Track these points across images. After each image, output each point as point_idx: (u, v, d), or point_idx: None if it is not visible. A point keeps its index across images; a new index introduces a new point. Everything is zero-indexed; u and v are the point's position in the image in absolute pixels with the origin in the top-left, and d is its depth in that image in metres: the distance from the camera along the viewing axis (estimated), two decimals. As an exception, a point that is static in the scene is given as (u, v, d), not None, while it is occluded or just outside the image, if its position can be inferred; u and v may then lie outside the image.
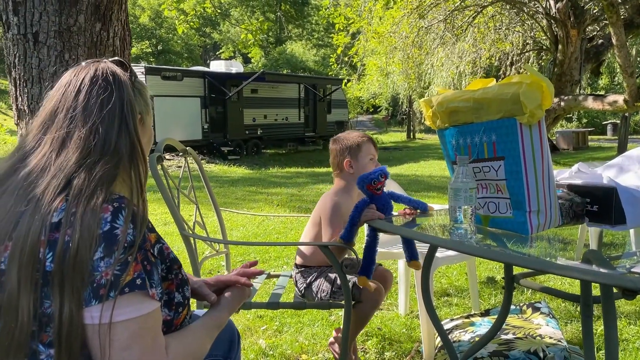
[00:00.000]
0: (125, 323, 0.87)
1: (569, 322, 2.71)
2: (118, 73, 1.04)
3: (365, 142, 2.11)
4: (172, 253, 1.02)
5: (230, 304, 1.20)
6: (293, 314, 2.84)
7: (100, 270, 0.86)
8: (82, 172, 0.93)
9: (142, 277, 0.90)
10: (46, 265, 0.86)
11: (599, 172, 1.69)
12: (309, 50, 38.88)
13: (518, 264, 1.23)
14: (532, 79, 1.38)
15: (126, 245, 0.88)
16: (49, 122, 0.99)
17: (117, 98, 1.01)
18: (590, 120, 25.61)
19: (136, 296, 0.89)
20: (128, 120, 1.01)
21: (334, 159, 2.15)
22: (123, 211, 0.90)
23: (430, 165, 13.20)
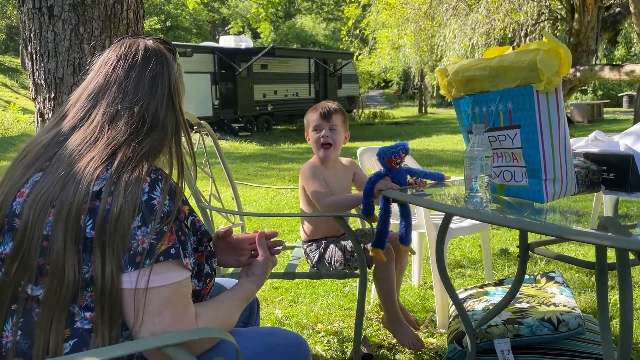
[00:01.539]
0: (159, 289, 0.90)
1: (583, 292, 2.72)
2: (166, 53, 1.09)
3: (310, 114, 2.13)
4: (203, 226, 1.05)
5: (259, 278, 1.22)
6: (308, 285, 2.88)
7: (137, 239, 0.89)
8: (129, 145, 0.96)
9: (177, 246, 0.93)
10: (86, 232, 0.89)
11: (615, 140, 1.67)
12: (319, 24, 38.40)
13: (534, 230, 1.23)
14: (549, 45, 1.36)
15: (162, 215, 0.91)
16: (100, 95, 1.02)
17: (166, 77, 1.06)
18: (605, 92, 25.18)
19: (170, 264, 0.92)
20: (175, 99, 1.06)
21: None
22: (160, 182, 0.93)
23: (443, 140, 13.11)
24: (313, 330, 2.35)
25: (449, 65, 1.67)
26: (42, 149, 0.99)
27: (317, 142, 2.08)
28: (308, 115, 2.14)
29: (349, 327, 2.37)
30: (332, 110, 2.09)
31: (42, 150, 0.99)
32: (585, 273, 2.99)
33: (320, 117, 2.08)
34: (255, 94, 17.06)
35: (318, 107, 2.12)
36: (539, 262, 3.23)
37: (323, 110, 2.09)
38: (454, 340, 1.96)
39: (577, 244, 3.60)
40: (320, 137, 2.06)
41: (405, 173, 1.82)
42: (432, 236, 2.33)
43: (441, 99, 30.12)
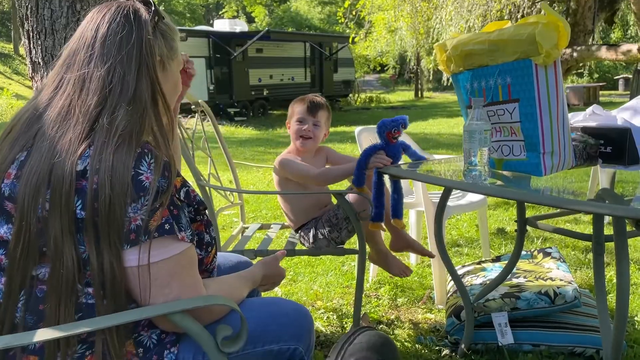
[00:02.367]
0: (160, 263, 0.90)
1: (579, 268, 2.75)
2: (140, 12, 1.00)
3: (295, 106, 2.12)
4: (197, 195, 1.03)
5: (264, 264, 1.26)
6: (307, 264, 2.90)
7: (129, 216, 0.87)
8: (104, 117, 0.91)
9: (170, 222, 0.91)
10: (77, 212, 0.87)
11: (613, 114, 1.69)
12: (314, 8, 38.08)
13: (532, 200, 1.25)
14: (548, 18, 1.37)
15: (152, 191, 0.88)
16: (70, 61, 0.97)
17: (136, 37, 0.97)
18: (601, 75, 25.18)
19: (166, 240, 0.91)
20: (148, 62, 0.97)
21: None
22: (147, 156, 0.90)
23: (439, 123, 13.12)
24: (313, 307, 2.38)
25: (447, 40, 1.67)
26: (25, 125, 0.96)
27: (297, 133, 2.09)
28: (294, 105, 2.13)
29: (348, 304, 2.40)
30: (319, 106, 2.11)
31: (24, 127, 0.95)
32: (582, 250, 3.02)
33: (307, 110, 2.09)
34: (251, 79, 16.95)
35: (306, 100, 2.12)
36: (535, 240, 3.26)
37: (310, 104, 2.10)
38: (453, 314, 1.99)
39: (573, 222, 3.63)
40: (301, 130, 2.08)
41: (400, 148, 1.83)
42: (430, 214, 2.35)
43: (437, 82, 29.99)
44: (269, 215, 4.12)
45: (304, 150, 2.11)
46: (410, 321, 2.22)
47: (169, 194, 0.91)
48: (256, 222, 3.10)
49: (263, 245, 2.12)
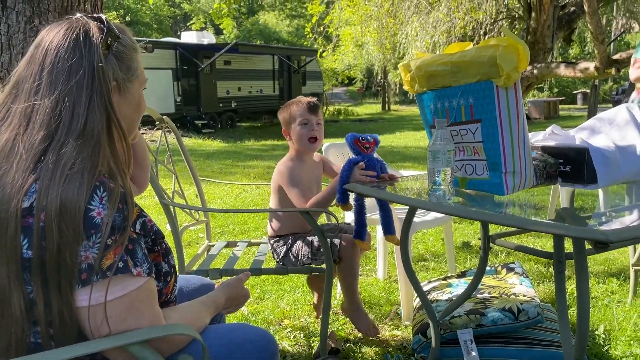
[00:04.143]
0: (116, 301, 0.86)
1: (541, 282, 2.81)
2: (92, 33, 0.92)
3: (296, 109, 2.05)
4: (155, 225, 0.99)
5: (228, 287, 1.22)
6: (274, 281, 2.87)
7: (80, 256, 0.82)
8: (50, 154, 0.85)
9: (124, 259, 0.86)
10: (23, 252, 0.82)
11: (571, 133, 1.73)
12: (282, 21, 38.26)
13: (496, 221, 1.26)
14: (508, 41, 1.40)
15: (105, 228, 0.83)
16: (18, 89, 0.90)
17: (87, 65, 0.89)
18: (561, 90, 26.02)
19: (120, 278, 0.86)
20: (101, 90, 0.90)
21: (282, 128, 2.14)
22: (98, 190, 0.84)
23: (406, 136, 13.30)
24: (280, 326, 2.35)
25: (411, 61, 1.69)
26: None
27: (304, 137, 2.03)
28: (291, 109, 2.07)
29: (316, 322, 2.38)
30: (317, 105, 2.10)
31: None
32: (544, 264, 3.08)
33: (309, 110, 2.05)
34: (219, 91, 16.86)
35: (302, 101, 2.08)
36: (499, 254, 3.31)
37: (309, 105, 2.06)
38: (419, 332, 2.00)
39: (536, 237, 3.71)
40: (309, 132, 2.03)
41: (377, 162, 1.84)
42: (397, 230, 2.35)
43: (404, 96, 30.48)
44: (236, 230, 4.07)
45: (311, 152, 2.09)
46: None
47: (125, 229, 0.86)
48: (223, 239, 3.06)
49: (229, 264, 2.08)
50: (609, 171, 1.55)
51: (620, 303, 2.45)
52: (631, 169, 1.62)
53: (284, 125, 2.11)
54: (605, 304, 2.45)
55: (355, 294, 2.07)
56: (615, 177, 1.58)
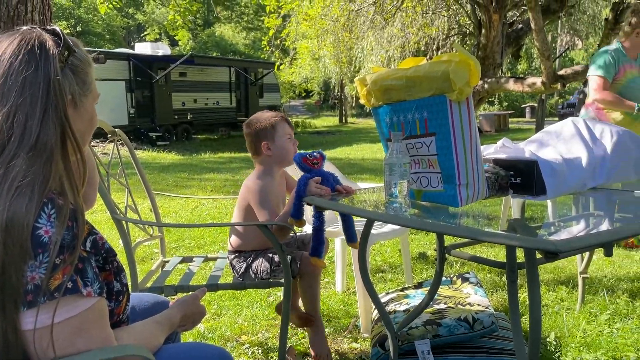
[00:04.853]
0: (64, 323, 0.82)
1: (495, 291, 2.88)
2: (48, 45, 0.89)
3: (279, 122, 2.03)
4: (106, 243, 0.96)
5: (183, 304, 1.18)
6: (231, 296, 2.82)
7: (26, 276, 0.79)
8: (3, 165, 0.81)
9: (73, 279, 0.83)
10: None
11: (521, 146, 1.79)
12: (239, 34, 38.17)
13: (451, 233, 1.29)
14: (460, 57, 1.44)
15: (53, 247, 0.80)
16: None
17: (43, 78, 0.87)
18: (510, 104, 27.01)
19: (69, 299, 0.82)
20: (57, 104, 0.87)
21: (250, 144, 2.06)
22: (46, 207, 0.81)
23: (363, 149, 13.45)
24: (237, 343, 2.30)
25: (367, 75, 1.71)
26: None
27: (292, 152, 2.04)
28: (277, 125, 2.03)
29: (274, 337, 2.35)
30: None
31: None
32: (497, 273, 3.16)
33: (290, 127, 2.09)
34: (174, 103, 16.62)
35: (282, 117, 2.07)
36: (454, 264, 3.38)
37: (289, 121, 2.10)
38: (377, 344, 2.00)
39: (489, 246, 3.80)
40: (294, 147, 2.06)
41: (331, 176, 1.85)
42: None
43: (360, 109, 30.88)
44: (193, 244, 3.99)
45: (279, 169, 2.09)
46: (337, 352, 2.21)
47: (75, 248, 0.83)
48: (178, 254, 2.99)
49: (184, 280, 2.03)
50: (557, 183, 1.61)
51: (569, 310, 2.53)
52: (577, 181, 1.69)
53: (264, 139, 2.02)
54: (555, 311, 2.53)
55: (315, 311, 2.06)
56: (562, 189, 1.64)
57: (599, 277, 3.02)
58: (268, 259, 1.98)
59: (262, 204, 1.94)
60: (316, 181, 1.77)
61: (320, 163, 1.85)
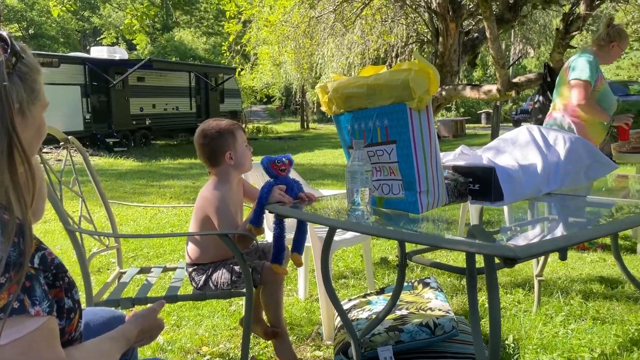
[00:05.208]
0: (10, 345, 0.78)
1: (455, 295, 2.92)
2: None
3: (237, 130, 2.00)
4: (56, 259, 0.91)
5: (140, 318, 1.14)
6: (191, 307, 2.76)
7: None
8: None
9: (20, 298, 0.79)
10: None
11: (479, 153, 1.83)
12: (199, 38, 37.73)
13: (412, 240, 1.29)
14: (419, 65, 1.46)
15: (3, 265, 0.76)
16: None
17: None
18: (467, 110, 27.64)
19: (16, 319, 0.78)
20: (3, 113, 0.83)
21: (210, 154, 1.98)
22: None
23: (324, 154, 13.49)
24: (198, 354, 2.25)
25: (328, 82, 1.71)
26: None
27: (250, 158, 2.04)
28: (236, 133, 1.99)
29: (236, 348, 2.31)
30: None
31: None
32: (457, 277, 3.21)
33: (245, 133, 2.07)
34: (132, 108, 16.24)
35: (239, 125, 2.04)
36: (415, 269, 3.41)
37: (242, 127, 2.08)
38: (340, 352, 1.99)
39: (449, 251, 3.87)
40: (251, 154, 2.05)
41: (294, 184, 1.84)
42: (317, 249, 2.36)
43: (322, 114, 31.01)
44: (151, 254, 3.89)
45: (237, 176, 2.06)
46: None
47: (22, 265, 0.78)
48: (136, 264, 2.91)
49: (142, 292, 1.97)
50: (514, 189, 1.65)
51: (526, 312, 2.60)
52: (533, 187, 1.73)
53: (227, 149, 1.97)
54: (513, 313, 2.59)
55: (279, 320, 2.03)
56: (519, 195, 1.68)
57: (553, 279, 3.11)
58: (229, 270, 1.94)
59: (222, 214, 1.90)
60: (280, 189, 1.75)
61: (287, 169, 1.83)
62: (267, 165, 1.78)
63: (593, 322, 2.44)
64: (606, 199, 1.92)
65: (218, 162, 1.98)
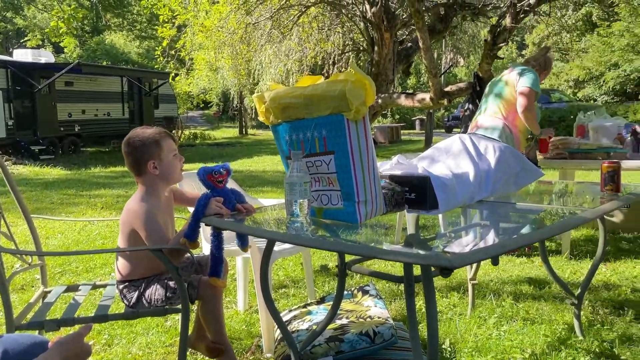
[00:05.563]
0: None
1: (393, 300, 2.96)
2: None
3: (164, 139, 1.94)
4: None
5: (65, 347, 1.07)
6: (124, 324, 2.64)
7: None
8: None
9: None
10: None
11: (414, 163, 1.86)
12: (131, 42, 36.53)
13: (352, 252, 1.29)
14: (356, 77, 1.46)
15: None
16: None
17: None
18: (402, 116, 28.39)
19: None
20: None
21: (133, 163, 1.93)
22: None
23: (264, 161, 13.39)
24: (131, 374, 2.15)
25: (266, 92, 1.69)
26: None
27: (178, 169, 1.97)
28: (162, 141, 1.92)
29: (172, 365, 2.22)
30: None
31: None
32: (395, 283, 3.26)
33: (175, 142, 1.99)
34: (59, 114, 15.44)
35: (167, 134, 1.96)
36: (355, 276, 3.44)
37: (173, 136, 2.01)
38: (281, 365, 1.96)
39: (387, 256, 3.92)
40: (180, 163, 1.98)
41: (232, 195, 1.80)
42: (256, 260, 2.32)
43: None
44: (80, 268, 3.69)
45: (165, 187, 1.98)
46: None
47: None
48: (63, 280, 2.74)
49: (69, 312, 1.86)
50: (448, 197, 1.69)
51: (461, 315, 2.67)
52: (466, 195, 1.78)
53: (150, 158, 1.90)
54: (449, 317, 2.65)
55: (222, 336, 1.97)
56: (453, 203, 1.72)
57: (486, 281, 3.23)
58: (163, 285, 1.87)
59: (150, 227, 1.82)
60: (218, 201, 1.71)
61: (225, 180, 1.79)
62: (204, 176, 1.73)
63: (523, 322, 2.55)
64: (534, 206, 2.01)
65: (142, 172, 1.93)
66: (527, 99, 3.24)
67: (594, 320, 2.56)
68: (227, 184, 1.80)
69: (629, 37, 20.32)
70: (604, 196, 1.95)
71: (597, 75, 22.33)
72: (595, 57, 22.22)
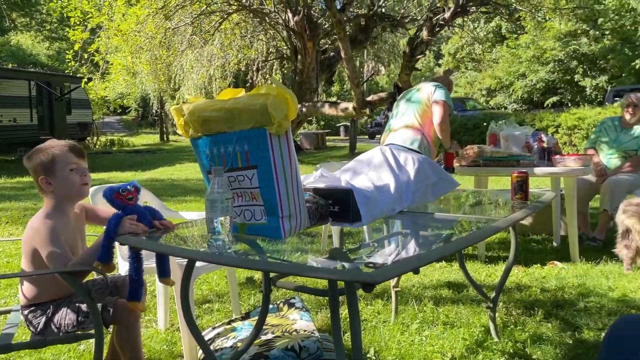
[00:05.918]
0: None
1: (319, 310, 2.96)
2: None
3: (59, 153, 1.81)
4: None
5: None
6: (31, 351, 2.44)
7: None
8: None
9: None
10: None
11: (338, 175, 1.87)
12: (40, 43, 34.40)
13: (277, 270, 1.27)
14: (277, 91, 1.45)
15: None
16: None
17: None
18: (327, 123, 28.80)
19: None
20: None
21: (34, 178, 1.83)
22: None
23: (186, 168, 13.02)
24: (40, 406, 1.99)
25: (184, 105, 1.63)
26: None
27: (77, 183, 1.81)
28: (54, 153, 1.79)
29: (86, 393, 2.08)
30: (82, 149, 1.88)
31: None
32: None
33: (79, 156, 1.83)
34: (-43, 120, 14.24)
35: (67, 145, 1.83)
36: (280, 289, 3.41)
37: (76, 149, 1.84)
38: (204, 386, 1.90)
39: (313, 265, 3.93)
40: (82, 177, 1.82)
41: (147, 212, 1.72)
42: (177, 278, 2.23)
43: (182, 127, 30.04)
44: (-19, 291, 3.39)
45: (81, 199, 1.85)
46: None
47: None
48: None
49: (-35, 343, 1.69)
50: (370, 209, 1.71)
51: (385, 323, 2.72)
52: (387, 206, 1.82)
53: (41, 173, 1.79)
54: (373, 325, 2.69)
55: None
56: (375, 214, 1.75)
57: (408, 287, 3.31)
58: (74, 309, 1.74)
59: (51, 244, 1.69)
60: (131, 219, 1.62)
61: (135, 197, 1.70)
62: (111, 196, 1.63)
63: (444, 327, 2.63)
64: (451, 216, 2.09)
65: (40, 188, 1.82)
66: (442, 112, 3.33)
67: (507, 322, 2.70)
68: (137, 201, 1.71)
69: (534, 49, 21.89)
70: (515, 205, 2.06)
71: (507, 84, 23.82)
72: (505, 68, 23.73)
